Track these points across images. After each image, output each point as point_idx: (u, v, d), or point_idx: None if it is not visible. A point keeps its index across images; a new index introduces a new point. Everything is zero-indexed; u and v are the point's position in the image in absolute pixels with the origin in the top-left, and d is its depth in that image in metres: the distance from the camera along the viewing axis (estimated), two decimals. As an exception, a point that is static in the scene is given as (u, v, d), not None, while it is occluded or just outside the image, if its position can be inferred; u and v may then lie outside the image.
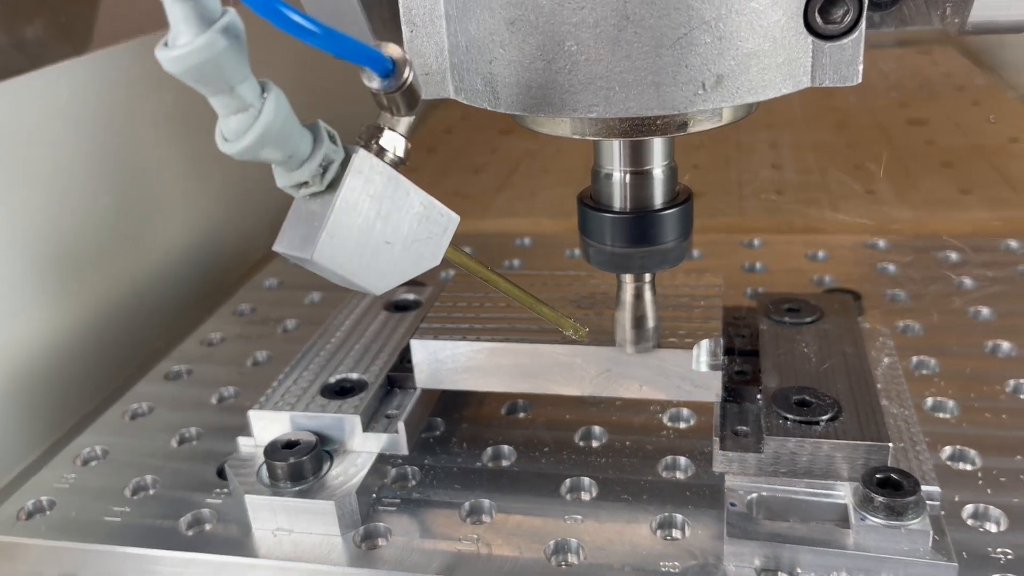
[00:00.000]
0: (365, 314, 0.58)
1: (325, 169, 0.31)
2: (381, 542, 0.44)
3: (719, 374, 0.46)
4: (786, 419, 0.43)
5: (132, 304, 0.70)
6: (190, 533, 0.46)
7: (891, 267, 0.69)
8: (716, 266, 0.71)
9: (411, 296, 0.60)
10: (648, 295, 0.45)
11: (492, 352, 0.48)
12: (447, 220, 0.34)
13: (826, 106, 1.16)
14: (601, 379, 0.47)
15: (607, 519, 0.44)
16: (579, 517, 0.44)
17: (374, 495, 0.47)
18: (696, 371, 0.46)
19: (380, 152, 0.33)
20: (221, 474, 0.49)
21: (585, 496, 0.47)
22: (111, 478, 0.50)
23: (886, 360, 0.52)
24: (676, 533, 0.44)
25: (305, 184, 0.31)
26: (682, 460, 0.48)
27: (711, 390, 0.46)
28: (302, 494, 0.44)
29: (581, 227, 0.43)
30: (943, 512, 0.41)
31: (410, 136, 0.34)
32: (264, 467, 0.46)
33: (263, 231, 0.90)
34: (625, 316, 0.45)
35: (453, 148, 1.09)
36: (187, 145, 0.77)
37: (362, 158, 0.31)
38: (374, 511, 0.46)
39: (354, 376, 0.50)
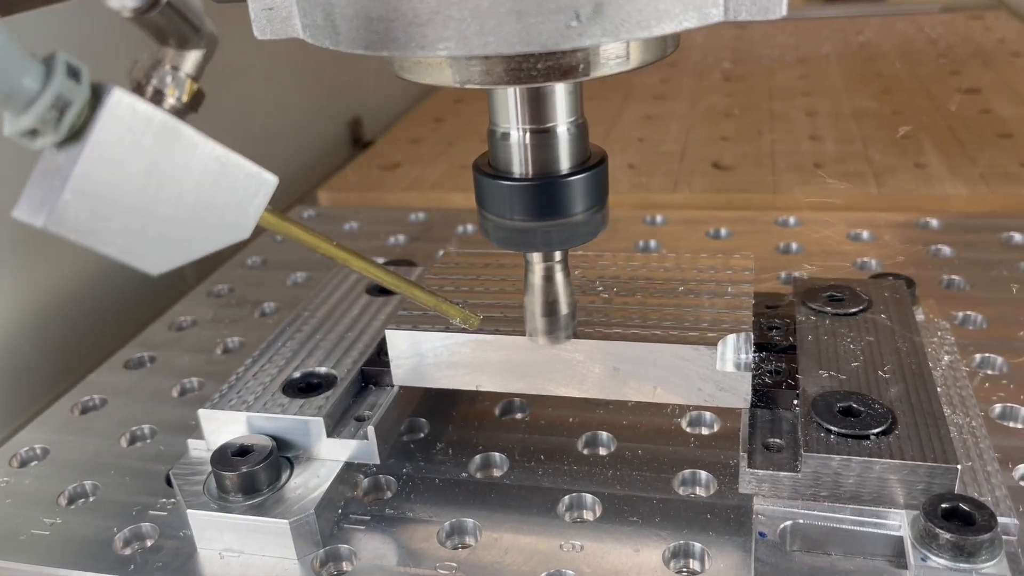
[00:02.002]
0: (345, 297, 0.51)
1: (62, 113, 0.24)
2: (345, 566, 0.38)
3: (748, 376, 0.38)
4: (829, 431, 0.36)
5: (98, 285, 0.64)
6: (126, 552, 0.39)
7: (946, 249, 0.61)
8: (746, 246, 0.64)
9: (397, 278, 0.52)
10: (560, 277, 0.38)
11: (481, 345, 0.41)
12: (258, 182, 0.27)
13: (868, 72, 1.07)
14: (607, 379, 0.40)
15: (612, 546, 0.37)
16: (579, 544, 0.37)
17: (339, 510, 0.40)
18: (721, 371, 0.38)
19: (157, 96, 0.26)
20: (170, 481, 0.43)
21: (588, 516, 0.40)
22: (47, 482, 0.44)
23: (946, 358, 0.44)
24: (694, 565, 0.37)
25: (35, 132, 0.24)
26: (703, 475, 0.41)
27: (738, 394, 0.38)
28: (254, 510, 0.38)
29: (477, 198, 0.36)
30: (1022, 550, 0.34)
31: (200, 75, 0.27)
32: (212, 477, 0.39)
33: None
34: (534, 302, 0.38)
35: (462, 119, 1.02)
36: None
37: (117, 100, 0.24)
38: (339, 529, 0.39)
39: (322, 370, 0.44)
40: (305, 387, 0.43)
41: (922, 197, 0.71)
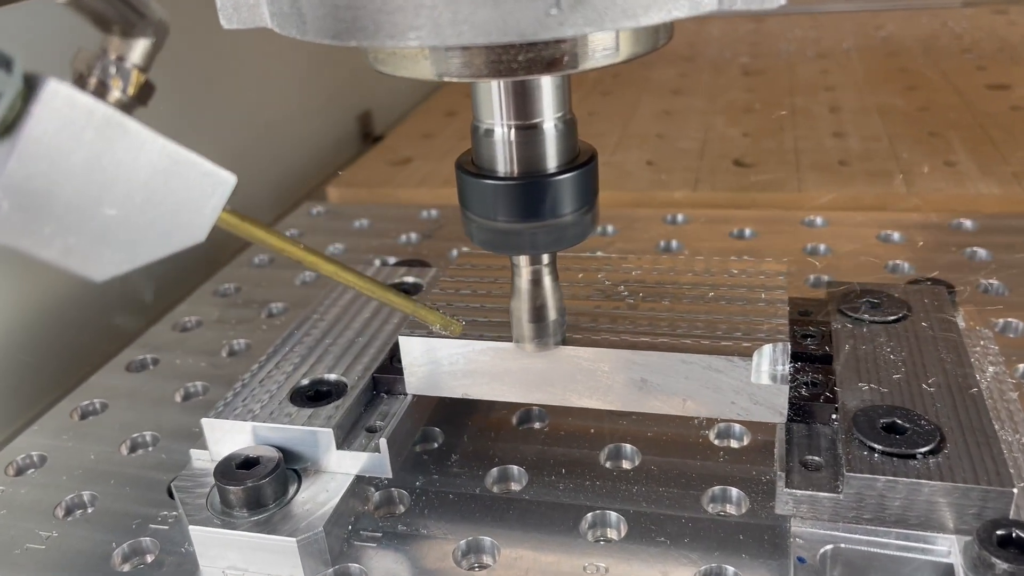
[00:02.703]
0: (356, 299, 0.49)
1: None
2: (356, 587, 0.36)
3: (785, 389, 0.36)
4: (872, 449, 0.34)
5: (101, 284, 0.62)
6: (125, 568, 0.37)
7: (981, 251, 0.59)
8: (772, 248, 0.61)
9: (410, 279, 0.50)
10: (548, 281, 0.36)
11: (500, 354, 0.38)
12: (215, 181, 0.25)
13: (892, 67, 1.04)
14: (634, 391, 0.37)
15: (639, 568, 0.35)
16: (603, 565, 0.35)
17: (350, 526, 0.38)
18: (756, 384, 0.36)
19: (101, 88, 0.25)
20: (172, 493, 0.41)
21: (612, 534, 0.37)
22: (44, 492, 0.42)
23: (991, 369, 0.42)
24: (726, 590, 0.34)
25: None
26: (734, 492, 0.39)
27: (774, 408, 0.36)
28: (259, 526, 0.36)
29: (460, 198, 0.34)
30: (1083, 580, 0.31)
31: (148, 66, 0.25)
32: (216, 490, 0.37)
33: (264, 201, 0.82)
34: (521, 307, 0.36)
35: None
36: (168, 101, 0.68)
37: (53, 91, 0.22)
38: (349, 546, 0.37)
39: (332, 377, 0.41)
40: (314, 395, 0.41)
41: (953, 197, 0.68)
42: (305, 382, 0.41)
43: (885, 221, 0.64)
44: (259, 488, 0.36)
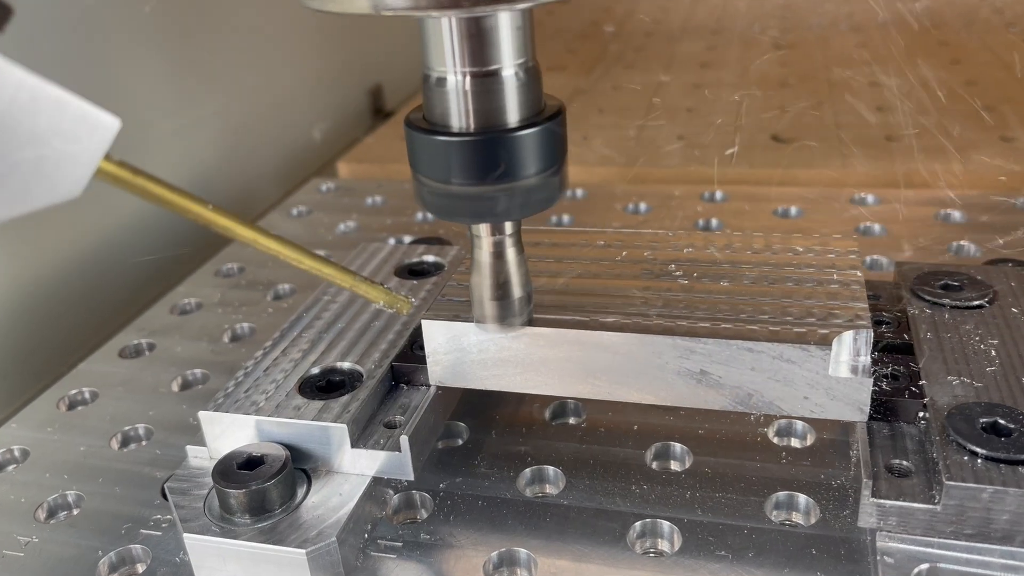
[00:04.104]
0: (372, 279, 0.44)
1: None
2: (373, 605, 0.31)
3: (868, 382, 0.31)
4: (974, 454, 0.29)
5: (95, 262, 0.57)
6: (111, 581, 0.33)
7: (1051, 232, 0.54)
8: (821, 227, 0.56)
9: (430, 258, 0.46)
10: (512, 253, 0.32)
11: (536, 340, 0.34)
12: (92, 125, 0.21)
13: (931, 40, 0.98)
14: (692, 384, 0.33)
15: (697, 587, 0.30)
16: (657, 584, 0.31)
17: (366, 534, 0.34)
18: (835, 377, 0.31)
19: None
20: (166, 494, 0.36)
21: (664, 546, 0.33)
22: (26, 491, 0.38)
23: (1089, 361, 0.37)
24: (800, 614, 0.30)
25: None
26: (801, 499, 0.34)
27: (855, 405, 0.31)
28: (264, 535, 0.31)
29: (410, 159, 0.30)
30: None
31: None
32: (215, 493, 0.33)
33: (269, 177, 0.77)
34: (482, 283, 0.32)
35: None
36: (171, 71, 0.64)
37: None
38: (366, 556, 0.33)
39: (345, 366, 0.37)
40: (325, 386, 0.36)
41: (1013, 174, 0.63)
42: (315, 371, 0.37)
43: (942, 199, 0.59)
44: (263, 491, 0.32)
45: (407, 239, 0.57)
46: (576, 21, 1.22)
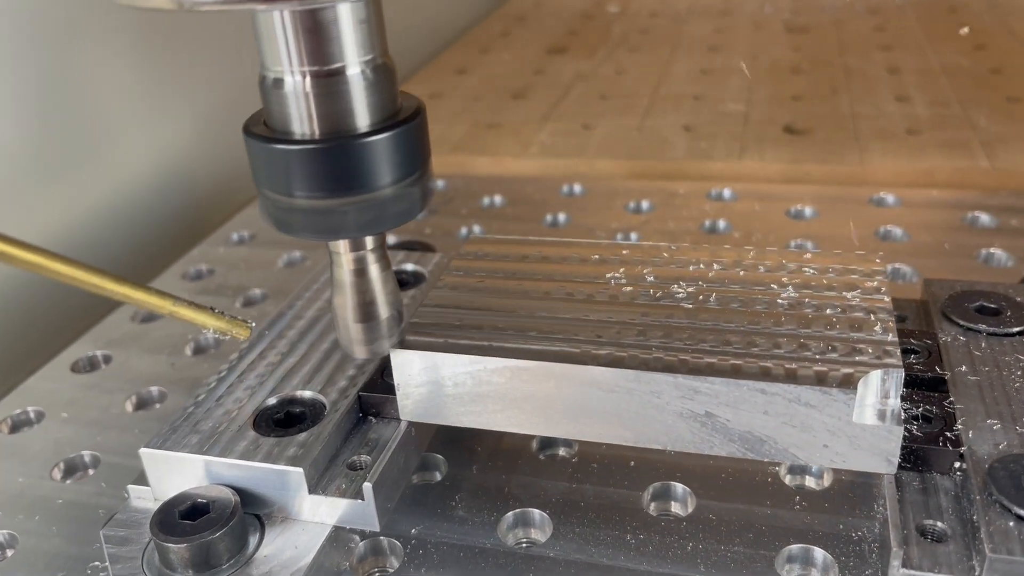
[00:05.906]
0: (343, 291, 0.40)
1: None
2: (331, 676, 0.27)
3: (899, 431, 0.27)
4: (1020, 518, 0.25)
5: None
6: (38, 642, 0.29)
7: (1089, 239, 0.49)
8: (839, 232, 0.52)
9: (409, 267, 0.42)
10: (376, 270, 0.29)
11: (520, 374, 0.30)
12: None
13: (953, 24, 0.93)
14: (694, 427, 0.29)
15: (698, 661, 0.27)
16: (652, 658, 0.27)
17: (326, 592, 0.30)
18: (859, 423, 0.27)
19: None
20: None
21: (661, 609, 0.29)
22: (-48, 531, 0.34)
23: None
24: None
25: None
26: (818, 554, 0.30)
27: (882, 455, 0.27)
28: (207, 595, 0.28)
29: (252, 170, 0.27)
30: None
31: None
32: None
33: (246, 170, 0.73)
34: (345, 304, 0.29)
35: (489, 71, 0.90)
36: (142, 61, 0.59)
37: None
38: (325, 617, 0.29)
39: (307, 395, 0.33)
40: (284, 418, 0.32)
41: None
42: (272, 401, 0.33)
43: (969, 200, 0.54)
44: (208, 544, 0.28)
45: (391, 241, 0.53)
46: (578, 0, 1.17)
